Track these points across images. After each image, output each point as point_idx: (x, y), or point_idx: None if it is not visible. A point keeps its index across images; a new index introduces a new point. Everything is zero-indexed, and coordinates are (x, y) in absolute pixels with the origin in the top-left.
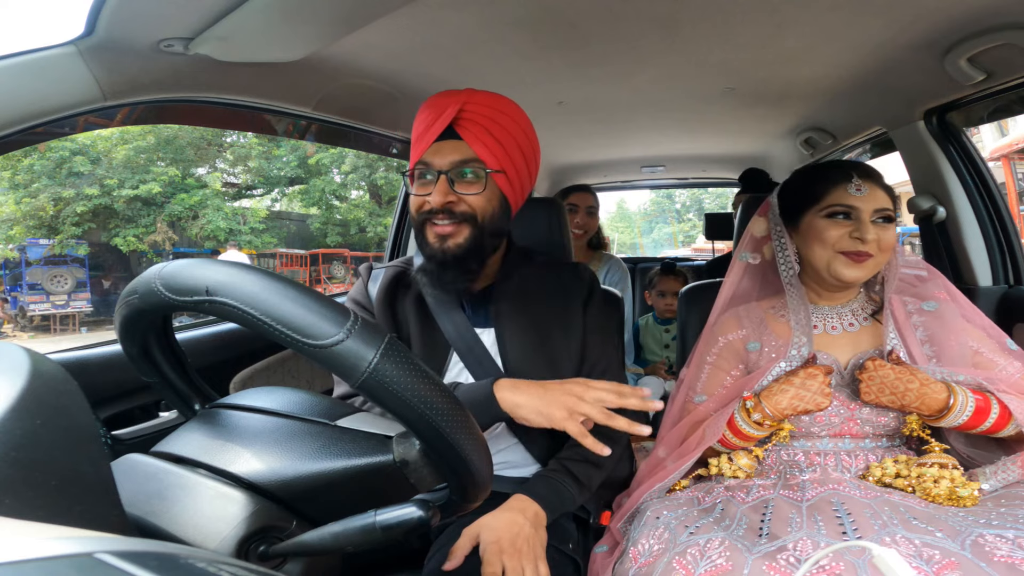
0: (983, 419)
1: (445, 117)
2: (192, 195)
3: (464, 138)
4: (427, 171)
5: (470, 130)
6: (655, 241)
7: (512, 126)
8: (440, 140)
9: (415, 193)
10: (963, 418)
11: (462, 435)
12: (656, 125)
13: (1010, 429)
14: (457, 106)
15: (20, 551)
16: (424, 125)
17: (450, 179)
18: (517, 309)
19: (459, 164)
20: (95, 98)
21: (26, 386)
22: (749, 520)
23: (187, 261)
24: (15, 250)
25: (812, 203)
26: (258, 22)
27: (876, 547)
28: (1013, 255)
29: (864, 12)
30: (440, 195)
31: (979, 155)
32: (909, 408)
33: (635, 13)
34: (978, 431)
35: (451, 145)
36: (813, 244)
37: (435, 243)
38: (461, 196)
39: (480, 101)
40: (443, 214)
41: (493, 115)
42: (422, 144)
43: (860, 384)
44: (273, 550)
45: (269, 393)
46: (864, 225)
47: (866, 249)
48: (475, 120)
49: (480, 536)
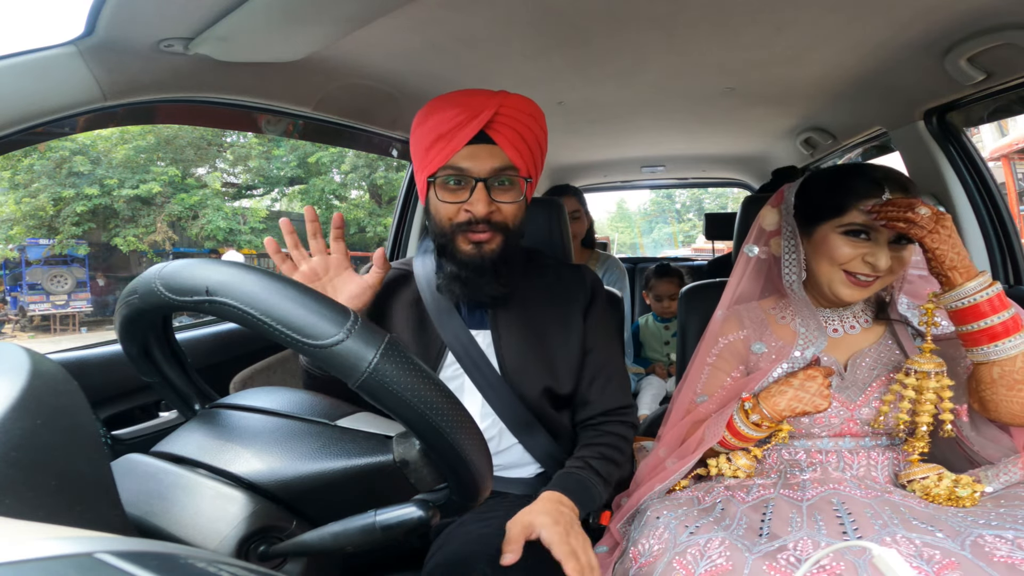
0: (997, 310)
1: (482, 119)
2: (192, 195)
3: (498, 143)
4: (461, 177)
5: (504, 135)
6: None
7: (539, 132)
8: (472, 144)
9: (445, 200)
10: (985, 294)
11: (462, 435)
12: (656, 125)
13: (1007, 345)
14: (494, 109)
15: (20, 551)
16: (453, 124)
17: (487, 187)
18: (515, 311)
19: (498, 172)
20: (95, 98)
21: (26, 386)
22: (749, 520)
23: (187, 261)
24: (15, 250)
25: (831, 216)
26: (258, 22)
27: (876, 547)
28: (1013, 255)
29: (864, 12)
30: (484, 205)
31: (979, 155)
32: (952, 262)
33: (635, 13)
34: (981, 325)
35: (487, 150)
36: (822, 259)
37: (471, 250)
38: (499, 205)
39: (514, 105)
40: (483, 224)
41: (525, 120)
42: (451, 146)
43: (940, 232)
44: (273, 550)
45: (269, 393)
46: (880, 250)
47: (876, 273)
48: (509, 124)
49: (533, 524)
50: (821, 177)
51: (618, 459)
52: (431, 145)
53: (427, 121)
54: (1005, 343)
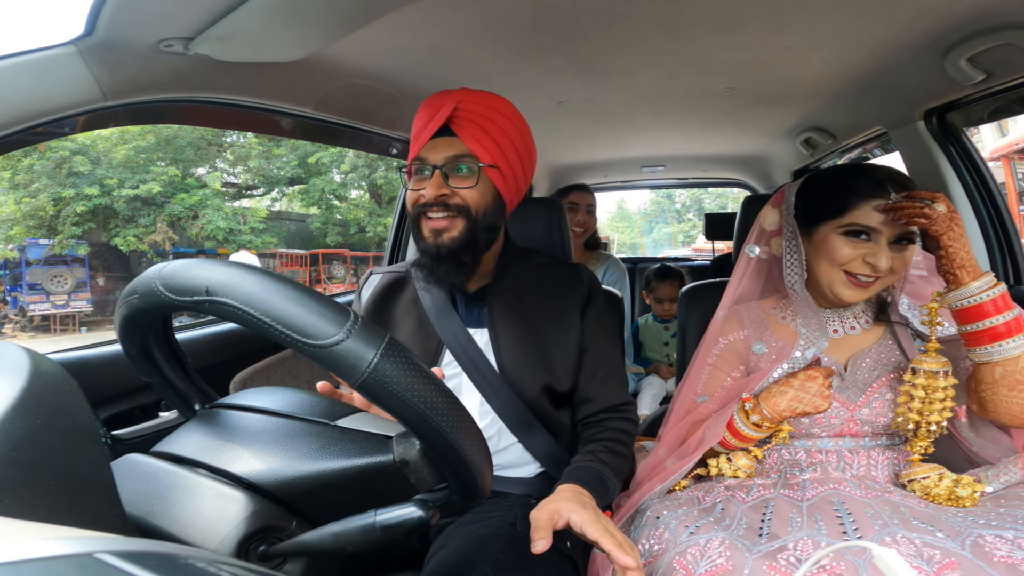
0: (1001, 310)
1: (441, 115)
2: (192, 195)
3: (459, 135)
4: (423, 167)
5: (464, 127)
6: (655, 241)
7: (506, 123)
8: (436, 137)
9: (411, 188)
10: (990, 295)
11: (462, 435)
12: (656, 125)
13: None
14: (452, 104)
15: (20, 551)
16: (421, 123)
17: (444, 173)
18: (512, 309)
19: (453, 159)
20: (95, 98)
21: (26, 386)
22: (749, 520)
23: (187, 261)
24: (15, 250)
25: (832, 216)
26: (258, 22)
27: (876, 547)
28: (1013, 255)
29: (864, 12)
30: (434, 188)
31: (979, 155)
32: (962, 260)
33: (635, 13)
34: (985, 325)
35: (446, 142)
36: (822, 259)
37: (430, 237)
38: (455, 190)
39: (474, 100)
40: (437, 207)
41: (487, 112)
42: (419, 141)
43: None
44: (273, 550)
45: (269, 393)
46: (881, 251)
47: (877, 274)
48: (469, 118)
49: (560, 510)
50: (822, 177)
51: (624, 453)
52: (411, 144)
53: (412, 125)
54: (1008, 343)
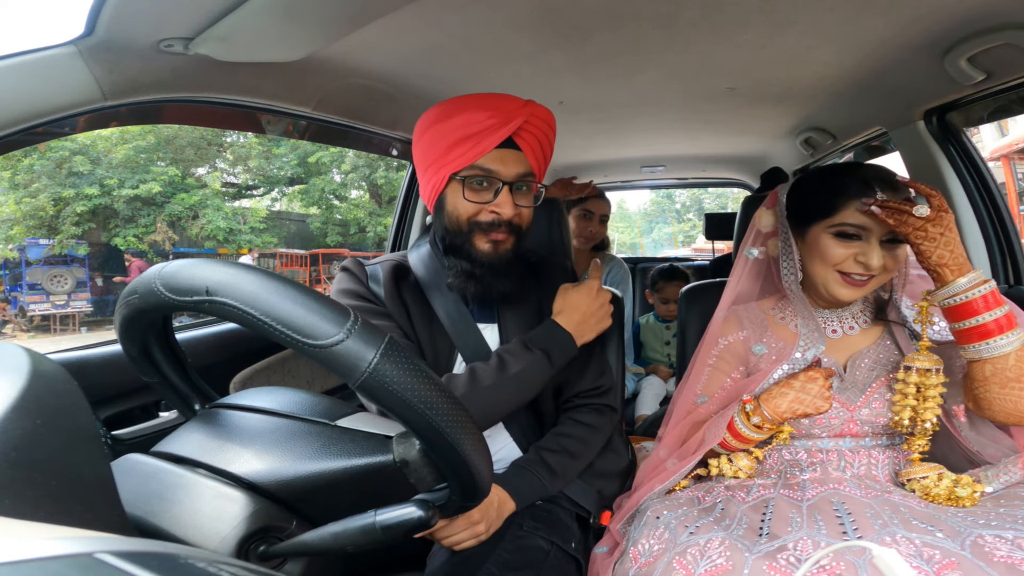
0: (990, 307)
1: (512, 125)
2: (192, 195)
3: (523, 149)
4: (488, 178)
5: (528, 142)
6: (655, 241)
7: (553, 141)
8: (500, 148)
9: (469, 199)
10: (979, 292)
11: (462, 435)
12: (656, 125)
13: (1000, 343)
14: (524, 117)
15: (20, 551)
16: (484, 127)
17: (512, 190)
18: (516, 307)
19: (521, 177)
20: (95, 98)
21: (26, 386)
22: (749, 520)
23: (187, 261)
24: (15, 250)
25: (822, 216)
26: (258, 22)
27: (876, 547)
28: (1013, 255)
29: (864, 12)
30: (511, 208)
31: (979, 155)
32: (940, 259)
33: (635, 13)
34: (974, 322)
35: (513, 156)
36: (815, 259)
37: (489, 249)
38: (519, 208)
39: (540, 115)
40: (504, 225)
41: (546, 129)
42: (480, 147)
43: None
44: (273, 550)
45: (269, 393)
46: (872, 249)
47: (870, 272)
48: (533, 133)
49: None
50: (811, 178)
51: (576, 451)
52: (456, 144)
53: (450, 119)
54: (998, 340)
